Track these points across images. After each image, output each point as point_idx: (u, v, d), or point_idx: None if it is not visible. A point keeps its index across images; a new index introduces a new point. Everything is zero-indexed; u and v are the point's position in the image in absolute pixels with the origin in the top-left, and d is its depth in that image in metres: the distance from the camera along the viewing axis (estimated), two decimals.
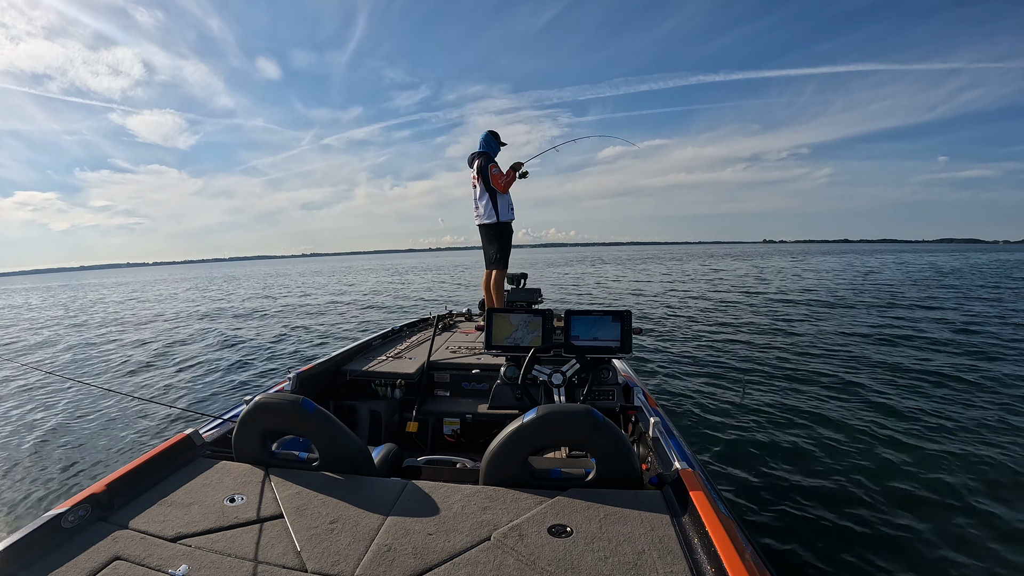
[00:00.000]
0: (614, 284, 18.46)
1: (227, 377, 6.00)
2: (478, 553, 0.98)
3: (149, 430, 4.06)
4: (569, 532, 1.02)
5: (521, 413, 1.23)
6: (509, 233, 4.10)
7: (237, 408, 1.83)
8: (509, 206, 4.06)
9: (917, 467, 2.94)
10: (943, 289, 13.59)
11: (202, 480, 1.28)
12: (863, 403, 4.10)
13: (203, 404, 4.92)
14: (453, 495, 1.18)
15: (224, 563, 0.96)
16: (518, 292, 4.03)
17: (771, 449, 3.23)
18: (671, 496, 1.17)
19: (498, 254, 4.07)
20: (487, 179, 3.93)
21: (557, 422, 1.18)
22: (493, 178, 3.92)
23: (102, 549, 0.99)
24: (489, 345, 2.25)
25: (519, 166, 4.09)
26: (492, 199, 3.96)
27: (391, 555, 0.98)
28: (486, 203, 4.00)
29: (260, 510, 1.14)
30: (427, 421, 2.43)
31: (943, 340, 6.60)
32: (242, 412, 1.36)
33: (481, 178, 3.97)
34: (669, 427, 1.64)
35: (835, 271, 22.23)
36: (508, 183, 3.98)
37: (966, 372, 4.95)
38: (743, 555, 0.91)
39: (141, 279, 52.00)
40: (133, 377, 6.27)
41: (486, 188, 3.95)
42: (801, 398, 4.29)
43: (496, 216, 3.99)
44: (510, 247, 4.13)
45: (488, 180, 3.92)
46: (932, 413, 3.82)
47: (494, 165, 3.96)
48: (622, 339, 2.14)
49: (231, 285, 27.52)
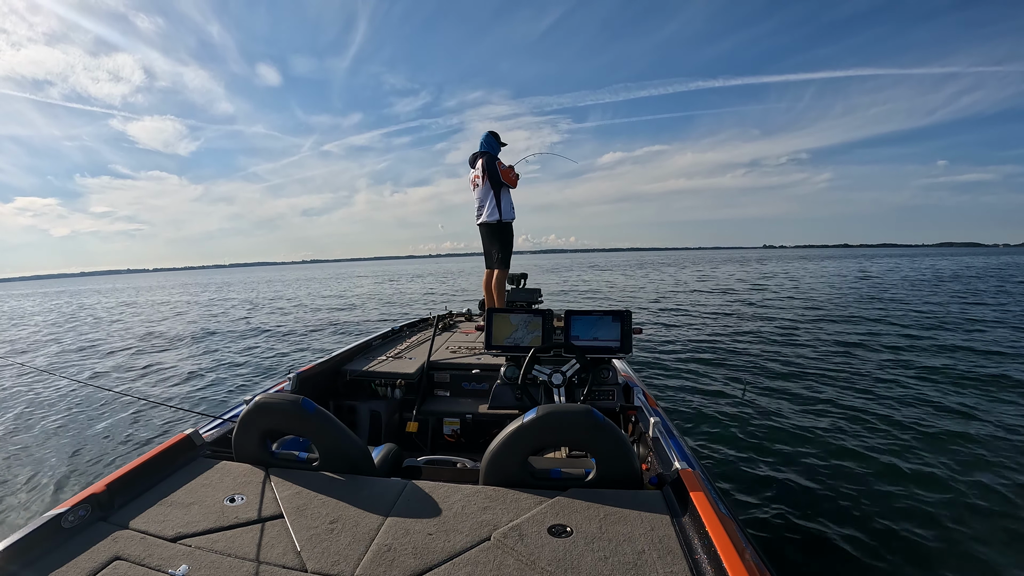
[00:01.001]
0: (614, 285, 18.46)
1: (227, 377, 6.00)
2: (478, 553, 0.98)
3: (149, 430, 4.06)
4: (569, 532, 1.02)
5: (521, 413, 1.23)
6: (511, 233, 4.09)
7: (237, 408, 1.83)
8: (512, 205, 4.05)
9: (918, 467, 2.94)
10: (943, 292, 13.60)
11: (202, 480, 1.27)
12: (863, 403, 4.10)
13: (203, 404, 4.92)
14: (453, 495, 1.18)
15: (224, 563, 0.96)
16: (518, 292, 4.02)
17: (771, 449, 3.23)
18: (671, 496, 1.17)
19: (500, 253, 4.05)
20: (494, 175, 3.89)
21: (557, 422, 1.18)
22: (503, 172, 3.90)
23: (102, 549, 0.99)
24: (489, 345, 2.25)
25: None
26: (497, 197, 3.93)
27: (391, 555, 0.98)
28: (491, 201, 3.97)
29: (260, 510, 1.14)
30: (427, 421, 2.43)
31: (943, 341, 6.60)
32: (242, 412, 1.36)
33: (488, 175, 3.92)
34: (669, 427, 1.64)
35: (835, 275, 22.24)
36: (517, 177, 4.00)
37: (966, 372, 4.95)
38: (743, 555, 0.91)
39: (139, 285, 52.04)
40: (133, 377, 6.27)
41: (492, 185, 3.91)
42: (801, 398, 4.29)
43: (499, 214, 3.96)
44: (512, 247, 4.12)
45: (496, 175, 3.89)
46: (932, 413, 3.82)
47: (499, 161, 3.96)
48: (622, 339, 2.13)
49: (226, 291, 27.53)
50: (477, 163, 3.98)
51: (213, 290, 26.24)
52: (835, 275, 21.09)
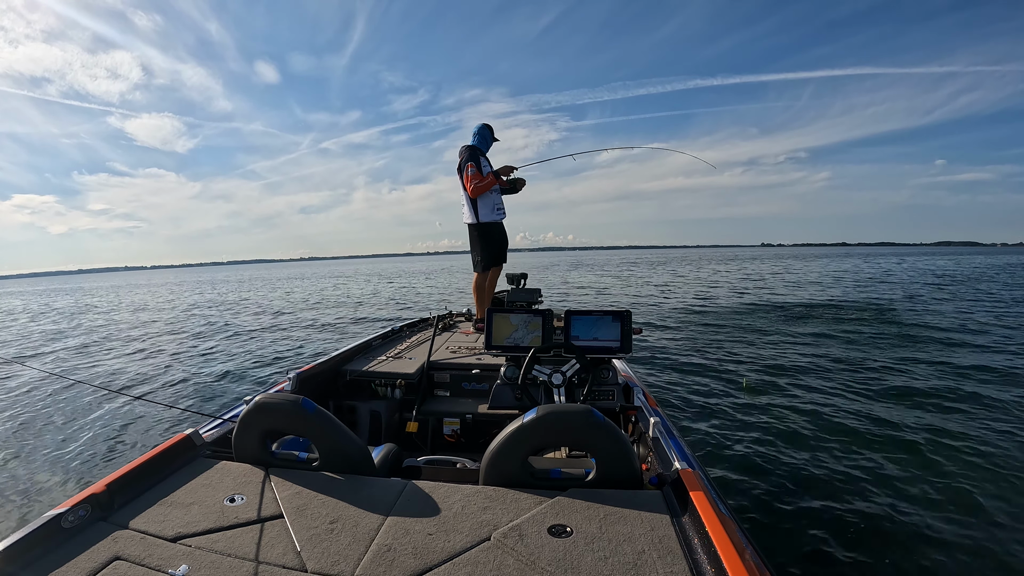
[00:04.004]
0: (614, 286, 18.46)
1: (227, 377, 6.00)
2: (478, 553, 0.98)
3: (149, 430, 4.06)
4: (569, 532, 1.02)
5: (521, 413, 1.23)
6: (494, 234, 3.75)
7: (237, 408, 1.83)
8: (494, 206, 3.70)
9: (918, 467, 2.94)
10: (942, 291, 13.60)
11: (202, 480, 1.27)
12: (863, 403, 4.10)
13: (203, 404, 4.92)
14: (453, 495, 1.18)
15: (224, 563, 0.96)
16: (518, 292, 4.01)
17: (771, 449, 3.23)
18: (671, 496, 1.17)
19: (479, 255, 3.77)
20: (462, 175, 3.58)
21: (557, 422, 1.18)
22: (465, 178, 3.54)
23: (102, 549, 0.99)
24: (489, 345, 2.25)
25: (510, 171, 3.73)
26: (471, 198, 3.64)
27: (391, 555, 0.97)
28: (467, 201, 3.67)
29: (260, 510, 1.14)
30: (427, 421, 2.43)
31: (943, 340, 6.60)
32: (242, 412, 1.36)
33: (459, 175, 3.64)
34: (669, 427, 1.64)
35: (833, 274, 22.25)
36: (480, 189, 3.52)
37: (967, 372, 4.95)
38: (743, 555, 0.91)
39: (136, 282, 51.97)
40: (133, 377, 6.27)
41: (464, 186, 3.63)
42: (801, 398, 4.29)
43: (476, 216, 3.66)
44: (495, 249, 3.77)
45: (462, 177, 3.56)
46: (933, 413, 3.82)
47: (472, 164, 3.54)
48: (622, 339, 2.13)
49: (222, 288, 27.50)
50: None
51: (208, 288, 26.28)
52: (835, 274, 21.11)
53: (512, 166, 3.79)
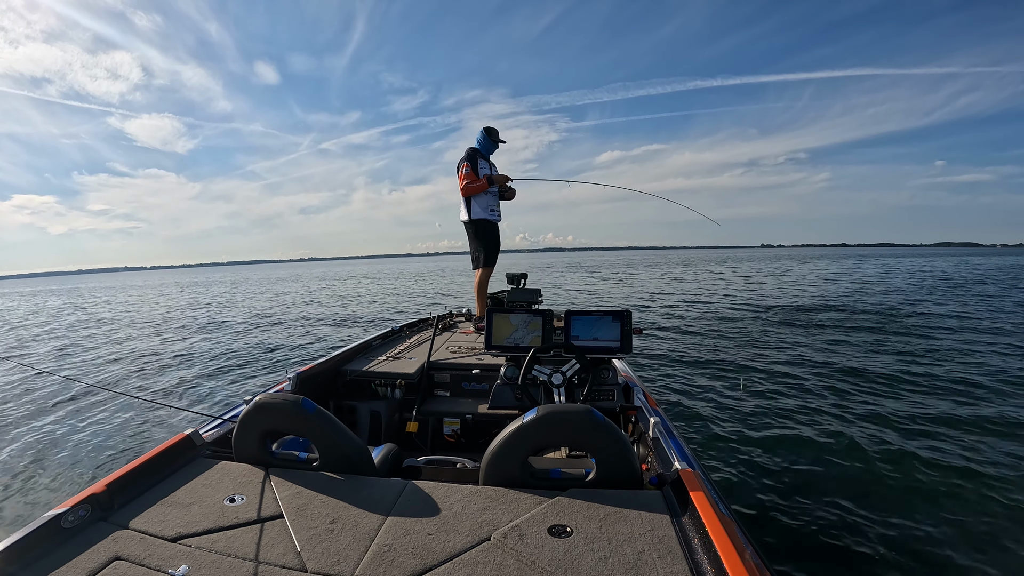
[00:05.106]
0: (613, 285, 18.47)
1: (227, 377, 6.00)
2: (478, 553, 0.98)
3: (149, 430, 4.06)
4: (569, 532, 1.02)
5: (521, 413, 1.22)
6: (487, 232, 3.95)
7: (237, 408, 1.83)
8: (487, 205, 3.91)
9: (918, 467, 2.94)
10: (942, 291, 13.60)
11: (202, 480, 1.27)
12: (863, 403, 4.10)
13: (203, 404, 4.92)
14: (453, 495, 1.18)
15: (224, 563, 0.96)
16: (518, 292, 4.01)
17: (771, 449, 3.23)
18: (671, 496, 1.17)
19: (476, 252, 3.96)
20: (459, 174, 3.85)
21: (557, 422, 1.18)
22: (459, 177, 3.83)
23: (102, 549, 0.99)
24: (489, 345, 2.25)
25: (504, 180, 3.95)
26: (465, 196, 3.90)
27: (391, 555, 0.97)
28: (463, 199, 3.92)
29: (260, 510, 1.14)
30: (427, 421, 2.43)
31: (942, 340, 6.60)
32: (242, 412, 1.36)
33: (457, 174, 3.89)
34: (669, 427, 1.64)
35: (833, 274, 22.25)
36: (471, 189, 3.82)
37: (967, 372, 4.95)
38: (743, 555, 0.91)
39: (136, 283, 51.93)
40: (133, 377, 6.27)
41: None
42: (801, 398, 4.29)
43: (468, 213, 3.90)
44: (491, 247, 3.97)
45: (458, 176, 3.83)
46: (933, 412, 3.81)
47: (467, 164, 3.81)
48: (622, 339, 2.13)
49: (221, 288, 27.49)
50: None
51: (210, 287, 26.29)
52: (834, 274, 21.12)
53: (507, 176, 3.98)
